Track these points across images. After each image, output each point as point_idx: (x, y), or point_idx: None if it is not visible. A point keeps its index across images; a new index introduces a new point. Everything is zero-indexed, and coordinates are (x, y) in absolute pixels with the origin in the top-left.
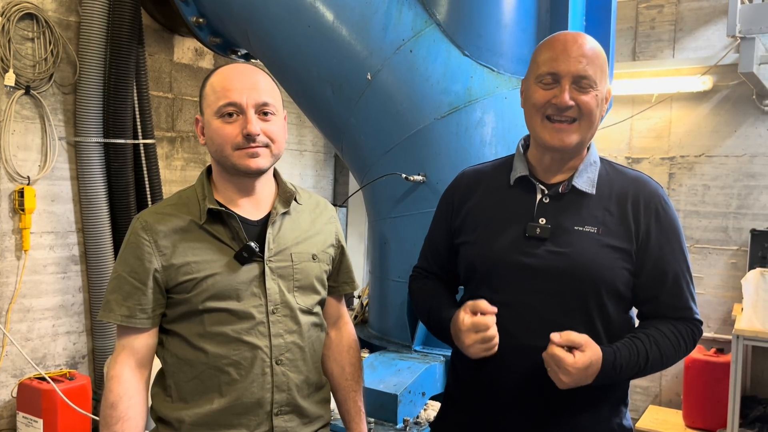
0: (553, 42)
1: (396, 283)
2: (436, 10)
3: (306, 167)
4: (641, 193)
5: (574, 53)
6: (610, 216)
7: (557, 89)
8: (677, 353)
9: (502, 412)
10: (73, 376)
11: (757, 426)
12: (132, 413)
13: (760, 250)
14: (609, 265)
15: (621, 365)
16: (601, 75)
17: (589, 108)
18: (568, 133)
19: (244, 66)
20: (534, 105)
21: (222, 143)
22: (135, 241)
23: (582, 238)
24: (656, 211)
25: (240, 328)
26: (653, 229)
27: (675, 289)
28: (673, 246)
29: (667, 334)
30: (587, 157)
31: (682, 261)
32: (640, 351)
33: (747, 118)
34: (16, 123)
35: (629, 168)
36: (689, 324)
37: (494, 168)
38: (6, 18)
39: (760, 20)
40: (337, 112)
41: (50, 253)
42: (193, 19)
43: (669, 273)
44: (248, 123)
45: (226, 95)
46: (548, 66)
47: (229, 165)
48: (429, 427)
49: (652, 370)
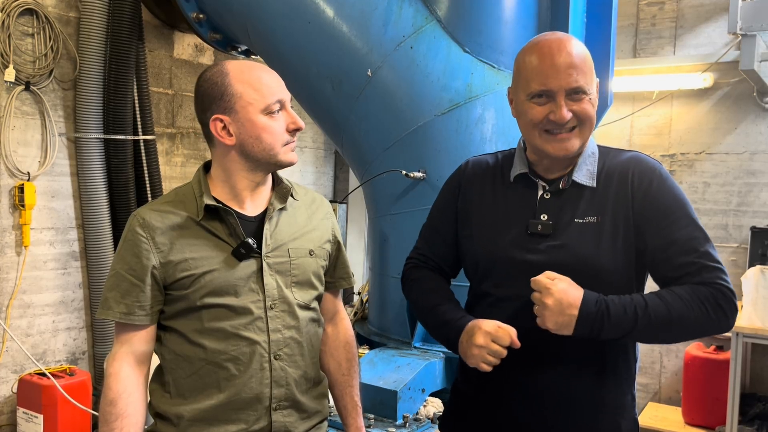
0: (539, 53)
1: (396, 279)
2: (437, 6)
3: (306, 164)
4: (635, 170)
5: (563, 66)
6: (609, 202)
7: (552, 104)
8: (691, 311)
9: (510, 407)
10: (73, 372)
11: (757, 423)
12: (131, 410)
13: (760, 248)
14: (609, 254)
15: (606, 306)
16: (591, 78)
17: (587, 114)
18: (570, 141)
19: (260, 65)
20: (531, 122)
21: (273, 140)
22: (132, 239)
23: (582, 229)
24: (650, 184)
25: (238, 324)
26: (650, 204)
27: (689, 255)
28: (676, 215)
29: (678, 292)
30: (585, 150)
31: (692, 227)
32: (635, 299)
33: (747, 116)
34: (16, 119)
35: (625, 150)
36: (710, 287)
37: (497, 161)
38: (6, 13)
39: (761, 17)
40: (337, 108)
41: (50, 249)
42: (193, 15)
43: (677, 240)
44: (295, 118)
45: (272, 93)
46: (539, 83)
47: (274, 161)
48: (431, 422)
49: (656, 328)
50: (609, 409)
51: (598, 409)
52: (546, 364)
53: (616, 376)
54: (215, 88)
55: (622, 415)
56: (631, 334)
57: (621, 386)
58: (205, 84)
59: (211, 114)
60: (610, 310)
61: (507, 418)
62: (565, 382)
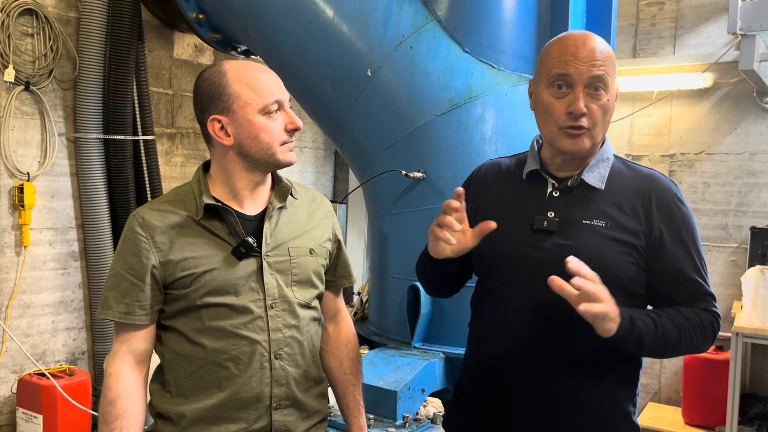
0: (563, 42)
1: (396, 279)
2: (437, 6)
3: (306, 164)
4: (654, 191)
5: (586, 55)
6: (620, 212)
7: (571, 96)
8: (694, 335)
9: (512, 403)
10: (72, 372)
11: (756, 423)
12: (131, 410)
13: (759, 248)
14: (614, 258)
15: (636, 319)
16: (612, 75)
17: (598, 116)
18: (582, 138)
19: (259, 65)
20: (551, 117)
21: (271, 140)
22: (132, 238)
23: (589, 231)
24: (669, 208)
25: (238, 323)
26: (667, 227)
27: (691, 285)
28: (686, 243)
29: (688, 316)
30: (599, 153)
31: (696, 257)
32: (655, 318)
33: (747, 116)
34: (15, 119)
35: (644, 166)
36: (710, 313)
37: (511, 163)
38: (6, 14)
39: (761, 17)
40: (337, 108)
41: (50, 249)
42: (193, 15)
43: (684, 269)
44: (293, 118)
45: (270, 93)
46: (560, 67)
47: (272, 161)
48: (431, 422)
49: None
50: (609, 410)
51: (598, 409)
52: (546, 361)
53: (619, 376)
54: (213, 89)
55: (622, 417)
56: (643, 352)
57: (625, 388)
58: (204, 84)
59: (209, 114)
60: (637, 330)
61: (507, 415)
62: (566, 380)
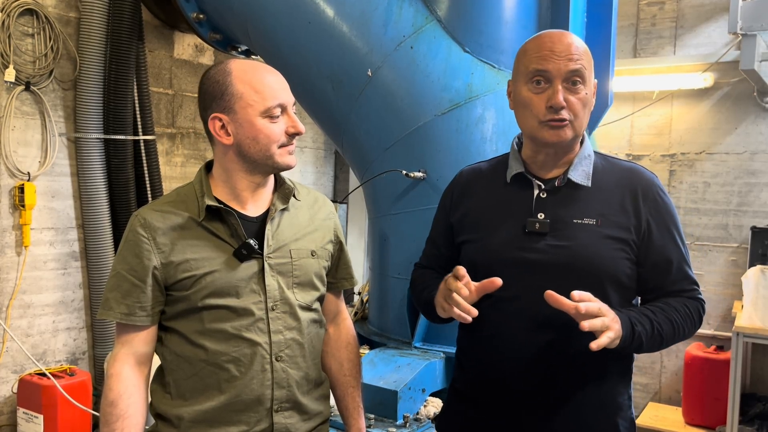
0: (540, 40)
1: (396, 279)
2: (437, 6)
3: (306, 164)
4: (638, 184)
5: (563, 50)
6: (608, 207)
7: (550, 91)
8: (686, 325)
9: (506, 405)
10: (73, 372)
11: (757, 423)
12: (132, 411)
13: (760, 248)
14: (611, 256)
15: (636, 324)
16: (589, 70)
17: (578, 109)
18: (564, 129)
19: (265, 66)
20: (531, 112)
21: (269, 143)
22: (133, 239)
23: (582, 230)
24: (655, 200)
25: (239, 325)
26: (654, 219)
27: (679, 274)
28: (672, 234)
29: (678, 308)
30: (581, 151)
31: (681, 246)
32: (651, 318)
33: (748, 116)
34: (16, 119)
35: (622, 159)
36: (696, 301)
37: (491, 167)
38: (6, 14)
39: (762, 17)
40: (337, 108)
41: (50, 249)
42: (193, 15)
43: (673, 260)
44: (295, 121)
45: (274, 96)
46: (538, 63)
47: (270, 164)
48: (431, 421)
49: (661, 343)
50: (607, 409)
51: (595, 408)
52: (543, 364)
53: (614, 375)
54: (217, 87)
55: (620, 415)
56: (640, 351)
57: (618, 386)
58: (208, 82)
59: (211, 112)
60: (637, 332)
61: (503, 417)
62: (562, 382)
